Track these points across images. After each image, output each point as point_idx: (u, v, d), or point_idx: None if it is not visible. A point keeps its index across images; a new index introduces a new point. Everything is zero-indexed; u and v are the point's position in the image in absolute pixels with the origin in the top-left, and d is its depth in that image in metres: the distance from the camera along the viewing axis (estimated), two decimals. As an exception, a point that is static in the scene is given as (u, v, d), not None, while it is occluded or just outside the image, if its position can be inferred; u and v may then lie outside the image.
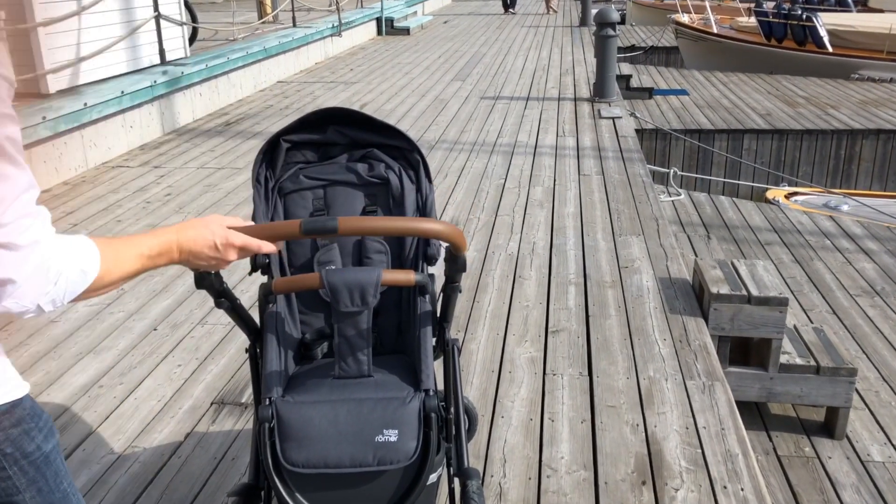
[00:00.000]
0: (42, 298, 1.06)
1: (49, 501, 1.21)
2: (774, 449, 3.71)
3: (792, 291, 5.29)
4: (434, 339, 1.80)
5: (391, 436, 1.61)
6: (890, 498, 3.38)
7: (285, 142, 1.90)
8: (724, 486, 2.49)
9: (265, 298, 1.78)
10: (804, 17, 13.51)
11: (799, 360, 3.67)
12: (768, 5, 14.58)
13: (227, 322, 3.57)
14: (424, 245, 1.91)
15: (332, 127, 1.91)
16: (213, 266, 1.40)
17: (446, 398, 1.84)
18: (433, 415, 1.64)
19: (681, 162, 8.91)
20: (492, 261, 4.27)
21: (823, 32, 13.37)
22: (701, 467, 2.58)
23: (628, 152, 6.48)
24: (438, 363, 2.71)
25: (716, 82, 12.07)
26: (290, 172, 1.92)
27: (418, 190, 1.94)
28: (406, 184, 1.92)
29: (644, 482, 2.51)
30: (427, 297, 1.79)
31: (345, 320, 1.66)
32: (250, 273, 1.82)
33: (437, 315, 1.85)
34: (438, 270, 4.07)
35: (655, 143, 8.92)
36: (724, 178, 8.78)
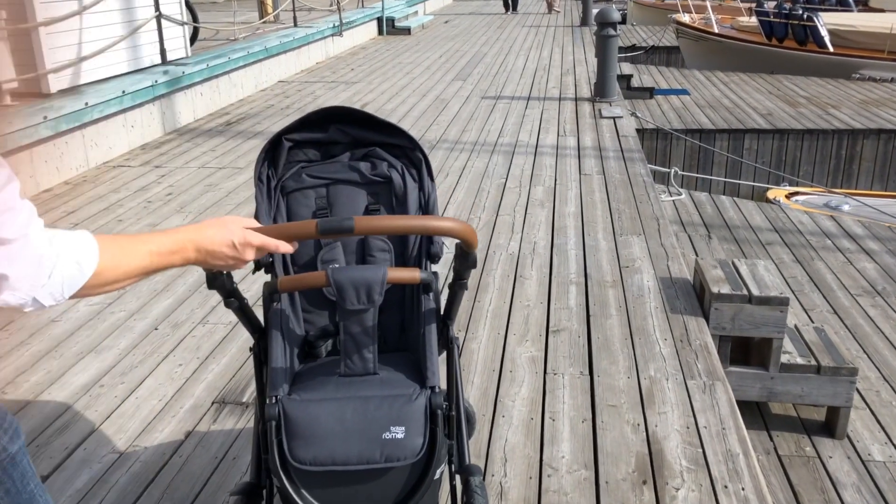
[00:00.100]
0: (38, 291, 1.06)
1: (16, 502, 1.20)
2: (775, 448, 3.71)
3: (793, 291, 5.29)
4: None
5: (398, 433, 1.61)
6: (891, 498, 3.37)
7: (287, 140, 1.90)
8: (725, 486, 2.49)
9: (270, 297, 1.78)
10: (805, 16, 13.50)
11: (800, 360, 3.67)
12: (769, 5, 14.57)
13: (228, 321, 3.57)
14: (428, 243, 1.91)
15: (334, 126, 1.91)
16: (230, 266, 1.40)
17: (448, 395, 1.85)
18: (439, 412, 1.64)
19: (682, 161, 8.91)
20: (493, 260, 4.27)
21: (824, 32, 13.37)
22: (702, 467, 2.58)
23: (629, 152, 6.48)
24: (441, 360, 2.71)
25: (717, 82, 12.07)
26: (293, 171, 1.92)
27: (421, 188, 1.94)
28: (409, 182, 1.92)
29: (645, 481, 2.51)
30: (431, 295, 1.79)
31: (351, 318, 1.66)
32: (254, 272, 1.82)
33: (441, 312, 1.85)
34: (442, 268, 4.07)
35: (656, 142, 8.92)
36: (725, 178, 8.78)
